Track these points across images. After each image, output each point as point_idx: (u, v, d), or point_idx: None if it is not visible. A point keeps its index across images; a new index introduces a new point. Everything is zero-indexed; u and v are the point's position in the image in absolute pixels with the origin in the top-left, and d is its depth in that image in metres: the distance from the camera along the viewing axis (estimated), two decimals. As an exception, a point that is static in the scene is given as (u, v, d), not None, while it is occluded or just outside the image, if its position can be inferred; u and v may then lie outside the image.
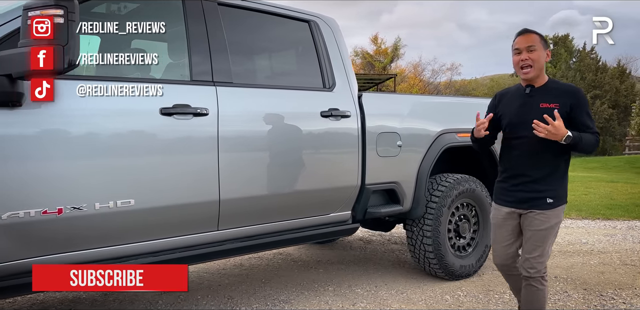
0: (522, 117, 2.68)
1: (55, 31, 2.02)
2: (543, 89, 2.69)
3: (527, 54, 2.64)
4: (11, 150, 2.23)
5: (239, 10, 3.20)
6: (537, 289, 2.72)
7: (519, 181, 2.72)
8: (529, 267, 2.69)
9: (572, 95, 2.64)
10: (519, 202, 2.72)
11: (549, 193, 2.66)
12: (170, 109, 2.66)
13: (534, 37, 2.67)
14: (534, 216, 2.68)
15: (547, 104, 2.63)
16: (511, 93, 2.85)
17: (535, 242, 2.69)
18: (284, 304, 3.61)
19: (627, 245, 5.67)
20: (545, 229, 2.67)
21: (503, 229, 2.81)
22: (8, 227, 2.24)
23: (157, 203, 2.65)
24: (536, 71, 2.65)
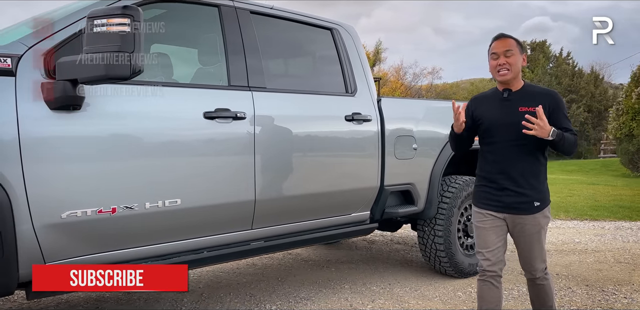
0: (501, 120, 2.68)
1: (122, 39, 2.12)
2: (520, 92, 2.69)
3: (505, 58, 2.64)
4: (70, 152, 2.32)
5: (269, 18, 3.33)
6: (544, 285, 2.81)
7: (503, 185, 2.69)
8: (533, 269, 2.76)
9: (550, 98, 2.65)
10: (507, 207, 2.69)
11: (535, 196, 2.67)
12: (212, 113, 2.78)
13: (511, 42, 2.67)
14: (524, 222, 2.68)
15: (526, 108, 2.62)
16: (488, 97, 2.83)
17: (532, 246, 2.72)
18: (305, 301, 3.73)
19: (618, 245, 5.94)
20: (537, 231, 2.71)
21: (491, 232, 2.75)
22: (67, 225, 2.33)
23: (200, 202, 2.76)
24: (513, 74, 2.65)
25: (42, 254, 2.29)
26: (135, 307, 3.59)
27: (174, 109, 2.69)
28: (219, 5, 3.06)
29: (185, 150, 2.70)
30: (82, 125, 2.35)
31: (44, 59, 2.32)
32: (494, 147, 2.72)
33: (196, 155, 2.75)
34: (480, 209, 2.79)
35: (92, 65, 2.13)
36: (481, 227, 2.78)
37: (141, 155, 2.54)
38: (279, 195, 3.13)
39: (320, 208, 3.44)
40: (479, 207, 2.81)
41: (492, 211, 2.74)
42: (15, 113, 2.17)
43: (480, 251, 2.78)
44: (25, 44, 2.32)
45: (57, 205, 2.30)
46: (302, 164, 3.25)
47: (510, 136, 2.64)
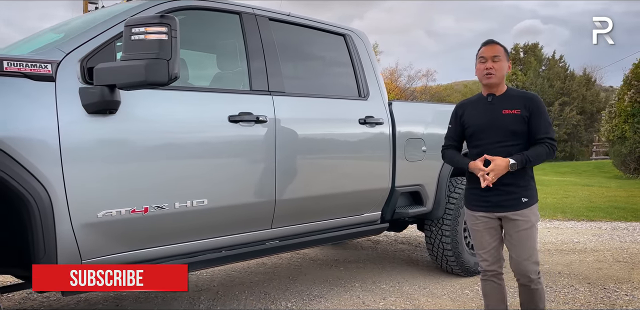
0: (486, 123, 2.78)
1: (160, 47, 2.22)
2: (503, 96, 2.80)
3: (492, 63, 2.74)
4: (106, 154, 2.43)
5: (286, 25, 3.45)
6: (536, 289, 2.78)
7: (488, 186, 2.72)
8: (526, 271, 2.72)
9: (530, 101, 2.75)
10: (495, 206, 2.75)
11: (522, 193, 2.73)
12: (236, 117, 2.89)
13: (499, 49, 2.78)
14: (514, 218, 2.73)
15: (509, 110, 2.74)
16: (473, 102, 2.94)
17: (524, 243, 2.73)
18: (319, 299, 3.85)
19: (616, 244, 6.09)
20: (529, 228, 2.73)
21: (485, 233, 2.82)
22: (102, 225, 2.43)
23: (225, 202, 2.87)
24: (498, 79, 2.76)
25: (79, 252, 2.39)
26: (153, 305, 3.68)
27: (201, 112, 2.80)
28: (240, 13, 3.18)
29: (211, 153, 2.81)
30: (117, 129, 2.45)
31: (80, 64, 2.42)
32: (481, 149, 2.79)
33: (221, 157, 2.86)
34: (472, 211, 2.87)
35: (131, 72, 2.23)
36: (475, 230, 2.87)
37: (171, 157, 2.65)
38: (297, 196, 3.24)
39: (334, 208, 3.55)
40: (470, 209, 2.88)
41: (483, 212, 2.80)
42: (56, 117, 2.27)
43: (478, 252, 2.89)
44: (63, 50, 2.42)
45: (94, 205, 2.40)
46: (318, 166, 3.37)
47: (495, 138, 2.74)
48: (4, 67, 2.19)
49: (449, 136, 3.05)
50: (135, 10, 2.74)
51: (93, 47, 2.50)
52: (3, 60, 2.19)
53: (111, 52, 2.56)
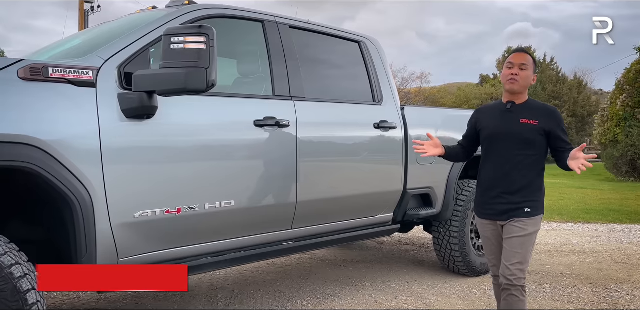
0: (502, 130, 2.80)
1: (199, 55, 2.33)
2: (523, 106, 2.81)
3: (518, 70, 2.75)
4: (142, 157, 2.53)
5: (305, 33, 3.57)
6: (518, 299, 2.70)
7: (496, 193, 2.79)
8: (510, 275, 2.69)
9: (551, 115, 2.79)
10: (498, 214, 2.79)
11: (527, 204, 2.74)
12: (261, 121, 3.00)
13: (528, 58, 2.80)
14: (512, 224, 2.75)
15: (527, 120, 2.75)
16: (491, 108, 2.98)
17: (514, 249, 2.71)
18: (333, 298, 3.96)
19: (613, 246, 6.26)
20: (524, 236, 2.72)
21: (494, 241, 2.88)
22: (139, 224, 2.53)
23: (251, 204, 2.99)
24: (521, 87, 2.77)
25: (116, 251, 2.49)
26: (172, 303, 3.78)
27: (229, 117, 2.91)
28: (263, 21, 3.30)
29: (238, 156, 2.93)
30: (153, 133, 2.56)
31: (117, 70, 2.53)
32: (494, 155, 2.83)
33: (248, 160, 2.97)
34: (480, 218, 2.93)
35: (171, 79, 2.34)
36: (484, 236, 2.94)
37: (202, 159, 2.76)
38: (317, 198, 3.36)
39: (350, 210, 3.67)
40: (478, 216, 2.95)
41: (488, 220, 2.86)
42: (97, 121, 2.38)
43: (488, 258, 2.96)
44: (102, 57, 2.52)
45: (131, 206, 2.50)
46: (337, 168, 3.49)
47: (510, 146, 2.76)
48: (50, 74, 2.29)
49: (463, 137, 3.13)
50: (166, 18, 2.84)
51: (129, 54, 2.60)
52: (48, 67, 2.29)
53: (146, 58, 2.67)
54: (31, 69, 2.25)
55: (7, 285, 2.06)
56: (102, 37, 3.00)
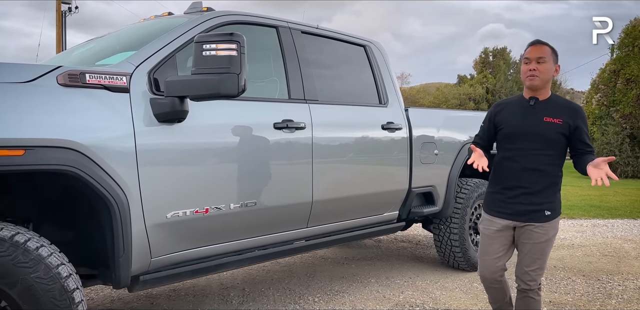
0: (525, 128, 2.66)
1: (230, 62, 2.43)
2: (547, 102, 2.67)
3: (536, 64, 2.61)
4: (174, 159, 2.62)
5: (315, 37, 3.69)
6: (534, 300, 2.74)
7: (517, 193, 2.67)
8: (529, 280, 2.69)
9: (576, 114, 2.66)
10: (517, 214, 2.67)
11: (547, 205, 2.65)
12: (280, 124, 3.12)
13: (545, 49, 2.64)
14: (532, 229, 2.65)
15: (551, 119, 2.62)
16: (512, 103, 2.81)
17: (534, 255, 2.67)
18: (342, 294, 4.09)
19: (599, 240, 6.52)
20: (545, 241, 2.67)
21: (496, 241, 2.76)
22: (170, 224, 2.62)
23: (272, 203, 3.09)
24: (542, 82, 2.63)
25: (150, 250, 2.58)
26: (186, 303, 3.86)
27: (252, 121, 3.01)
28: (277, 27, 3.41)
29: (260, 157, 3.03)
30: (184, 136, 2.65)
31: (148, 76, 2.61)
32: (514, 153, 2.69)
33: (268, 161, 3.08)
34: (491, 216, 2.78)
35: (204, 85, 2.43)
36: (486, 235, 2.80)
37: (228, 161, 2.86)
38: (330, 197, 3.48)
39: (359, 208, 3.80)
40: (489, 213, 2.80)
41: (502, 219, 2.73)
42: (132, 125, 2.46)
43: (481, 257, 2.84)
44: (133, 63, 2.61)
45: (164, 207, 2.59)
46: (349, 168, 3.62)
47: (532, 145, 2.63)
48: (87, 80, 2.37)
49: (479, 134, 2.93)
50: (189, 24, 2.93)
51: (158, 60, 2.69)
52: (85, 73, 2.37)
53: (173, 64, 2.76)
54: (69, 75, 2.32)
55: (55, 284, 2.13)
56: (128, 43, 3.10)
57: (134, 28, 3.44)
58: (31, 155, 2.12)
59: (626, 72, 17.08)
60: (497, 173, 2.81)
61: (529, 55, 2.65)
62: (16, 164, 2.09)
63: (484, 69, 35.26)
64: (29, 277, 2.08)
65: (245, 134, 2.96)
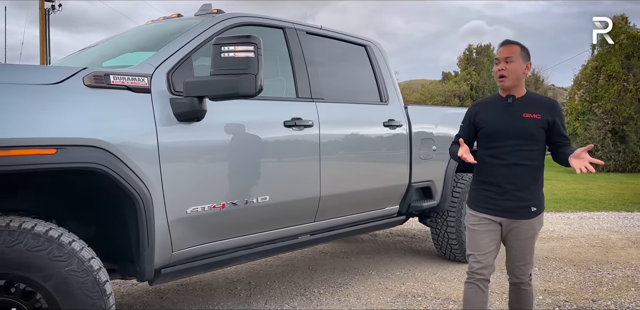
0: (507, 126, 2.71)
1: (248, 63, 2.54)
2: (524, 99, 2.74)
3: (505, 64, 2.67)
4: (193, 157, 2.73)
5: (320, 38, 3.81)
6: (526, 291, 2.84)
7: (503, 190, 2.71)
8: (521, 274, 2.77)
9: (553, 108, 2.72)
10: (505, 211, 2.71)
11: (533, 202, 2.70)
12: (290, 122, 3.24)
13: (513, 49, 2.70)
14: (520, 226, 2.70)
15: (530, 114, 2.68)
16: (491, 103, 2.86)
17: (524, 250, 2.75)
18: (346, 286, 4.23)
19: (586, 232, 6.75)
20: (532, 237, 2.74)
21: (485, 236, 2.77)
22: (190, 219, 2.73)
23: (283, 199, 3.21)
24: (511, 81, 2.69)
25: (171, 244, 2.68)
26: (195, 296, 3.97)
27: (263, 119, 3.13)
28: (283, 28, 3.52)
29: (272, 154, 3.15)
30: (202, 134, 2.76)
31: (166, 77, 2.71)
32: (498, 151, 2.72)
33: (279, 158, 3.20)
34: (477, 212, 2.80)
35: (224, 85, 2.54)
36: (476, 230, 2.79)
37: (242, 158, 2.97)
38: (337, 192, 3.61)
39: (363, 203, 3.94)
40: (476, 210, 2.81)
41: (490, 215, 2.75)
42: (154, 124, 2.56)
43: (472, 253, 2.79)
44: (152, 64, 2.70)
45: (184, 202, 2.69)
46: (353, 164, 3.76)
47: (515, 141, 2.67)
48: (111, 81, 2.46)
49: (459, 134, 2.98)
50: (203, 26, 3.03)
51: (175, 61, 2.79)
52: (110, 74, 2.47)
53: (189, 65, 2.86)
54: (95, 76, 2.42)
55: (88, 277, 2.24)
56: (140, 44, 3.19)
57: (144, 29, 3.53)
58: (62, 154, 2.21)
59: (607, 68, 17.47)
60: (481, 171, 2.83)
61: (499, 55, 2.74)
62: (48, 163, 2.18)
63: (468, 66, 35.63)
64: (63, 270, 2.18)
65: (258, 132, 3.07)
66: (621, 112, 17.15)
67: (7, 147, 2.07)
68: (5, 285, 2.12)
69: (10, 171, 2.11)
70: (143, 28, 3.58)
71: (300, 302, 3.83)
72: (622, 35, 17.42)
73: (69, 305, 2.18)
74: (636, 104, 17.10)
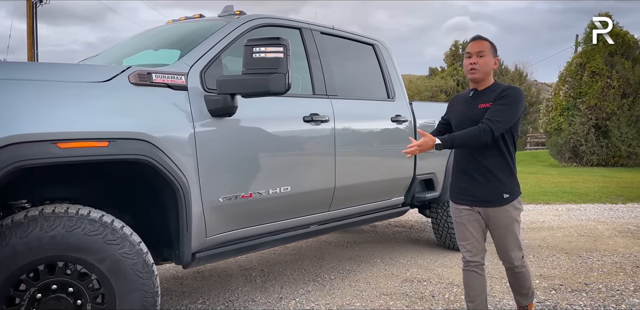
0: (465, 118, 2.84)
1: (279, 63, 2.74)
2: (484, 91, 2.84)
3: (477, 58, 2.78)
4: (224, 149, 2.94)
5: (333, 38, 4.02)
6: (522, 273, 2.97)
7: (473, 179, 2.82)
8: (510, 260, 2.90)
9: (501, 92, 2.77)
10: (478, 200, 2.82)
11: (504, 189, 2.78)
12: (308, 117, 3.46)
13: (484, 44, 2.80)
14: (496, 214, 2.80)
15: (484, 104, 2.78)
16: (460, 97, 3.03)
17: (506, 238, 2.84)
18: (354, 272, 4.47)
19: (574, 222, 7.08)
20: (511, 223, 2.81)
21: (469, 226, 2.88)
22: (222, 207, 2.94)
23: (303, 189, 3.44)
24: (482, 74, 2.80)
25: (205, 230, 2.90)
26: (213, 282, 4.18)
27: (285, 115, 3.36)
28: (300, 28, 3.73)
29: (293, 148, 3.38)
30: (233, 128, 2.97)
31: (200, 75, 2.91)
32: None
33: (299, 151, 3.43)
34: (457, 204, 2.93)
35: (256, 83, 2.74)
36: (459, 222, 2.92)
37: (267, 151, 3.19)
38: (350, 183, 3.84)
39: (372, 193, 4.18)
40: (455, 202, 2.95)
41: (466, 205, 2.87)
42: (191, 119, 2.77)
43: (461, 244, 2.94)
44: (187, 63, 2.90)
45: (217, 191, 2.91)
46: (364, 157, 4.00)
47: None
48: (153, 79, 2.66)
49: (439, 123, 3.21)
50: (229, 27, 3.24)
51: (207, 61, 2.99)
52: (152, 73, 2.66)
53: (219, 64, 3.06)
54: (138, 75, 2.62)
55: (139, 259, 2.44)
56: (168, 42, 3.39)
57: (168, 28, 3.71)
58: (114, 147, 2.41)
59: (591, 65, 17.88)
60: (455, 162, 2.99)
61: (470, 49, 2.82)
62: (102, 154, 2.38)
63: (455, 61, 36.01)
64: (117, 253, 2.38)
65: (280, 127, 3.30)
66: (604, 108, 17.59)
67: (68, 140, 2.27)
68: (63, 266, 2.32)
69: (70, 162, 2.31)
70: (167, 27, 3.76)
71: (314, 286, 4.07)
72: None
73: (122, 285, 2.39)
74: (619, 100, 17.56)
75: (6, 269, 2.17)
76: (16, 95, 2.20)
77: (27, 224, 2.22)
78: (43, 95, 2.29)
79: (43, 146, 2.20)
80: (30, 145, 2.17)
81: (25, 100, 2.22)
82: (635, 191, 10.44)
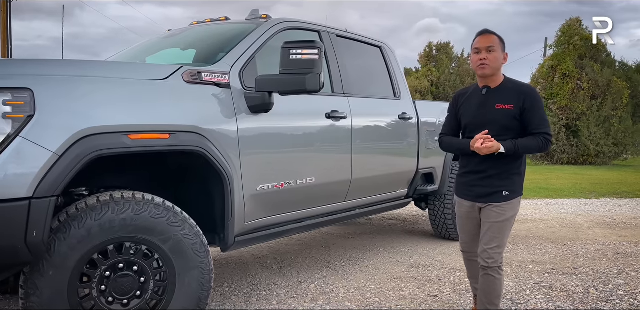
0: (479, 118, 2.80)
1: (314, 64, 3.03)
2: (498, 89, 2.78)
3: (486, 53, 2.71)
4: (262, 142, 3.21)
5: (346, 40, 4.33)
6: (494, 279, 2.80)
7: (477, 177, 2.84)
8: (487, 258, 2.79)
9: (527, 96, 2.71)
10: (477, 196, 2.85)
11: (505, 187, 2.78)
12: (330, 114, 3.75)
13: (494, 39, 2.74)
14: (491, 209, 2.80)
15: (503, 105, 2.72)
16: (469, 94, 2.92)
17: (492, 234, 2.79)
18: (362, 260, 4.78)
19: (555, 215, 7.56)
20: (502, 221, 2.78)
21: (469, 221, 2.97)
22: (259, 195, 3.22)
23: (325, 180, 3.73)
24: (492, 70, 2.73)
25: (245, 216, 3.17)
26: (231, 269, 4.44)
27: (311, 111, 3.65)
28: (319, 31, 4.02)
29: (317, 142, 3.67)
30: (269, 123, 3.24)
31: (239, 74, 3.18)
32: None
33: (322, 145, 3.73)
34: (460, 198, 3.00)
35: (293, 82, 3.02)
36: (460, 216, 3.04)
37: (297, 144, 3.48)
38: (364, 176, 4.15)
39: (382, 185, 4.51)
40: (458, 196, 3.02)
41: (467, 201, 2.93)
42: (235, 115, 3.03)
43: (460, 235, 3.10)
44: (228, 63, 3.17)
45: (255, 181, 3.18)
46: (377, 152, 4.32)
47: (489, 132, 2.73)
48: (203, 78, 2.92)
49: (446, 125, 3.10)
50: (260, 30, 3.51)
51: (244, 61, 3.26)
52: (202, 72, 2.92)
53: (254, 64, 3.33)
54: (190, 73, 2.87)
55: (197, 239, 2.71)
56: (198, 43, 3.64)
57: (199, 29, 3.97)
58: (174, 138, 2.67)
59: (562, 67, 18.66)
60: (462, 159, 3.01)
61: (479, 45, 2.74)
62: (165, 145, 2.64)
63: (429, 62, 36.73)
64: (179, 234, 2.64)
65: (308, 122, 3.59)
66: (575, 109, 18.37)
67: (138, 131, 2.51)
68: (130, 246, 2.56)
69: (138, 152, 2.55)
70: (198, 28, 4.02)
71: (328, 272, 4.36)
72: (576, 37, 18.64)
73: (182, 263, 2.65)
74: (588, 101, 18.36)
75: (81, 249, 2.40)
76: (91, 91, 2.44)
77: (100, 207, 2.46)
78: (113, 90, 2.53)
79: (117, 137, 2.44)
80: (107, 137, 2.41)
81: (99, 95, 2.46)
82: (606, 187, 11.05)
